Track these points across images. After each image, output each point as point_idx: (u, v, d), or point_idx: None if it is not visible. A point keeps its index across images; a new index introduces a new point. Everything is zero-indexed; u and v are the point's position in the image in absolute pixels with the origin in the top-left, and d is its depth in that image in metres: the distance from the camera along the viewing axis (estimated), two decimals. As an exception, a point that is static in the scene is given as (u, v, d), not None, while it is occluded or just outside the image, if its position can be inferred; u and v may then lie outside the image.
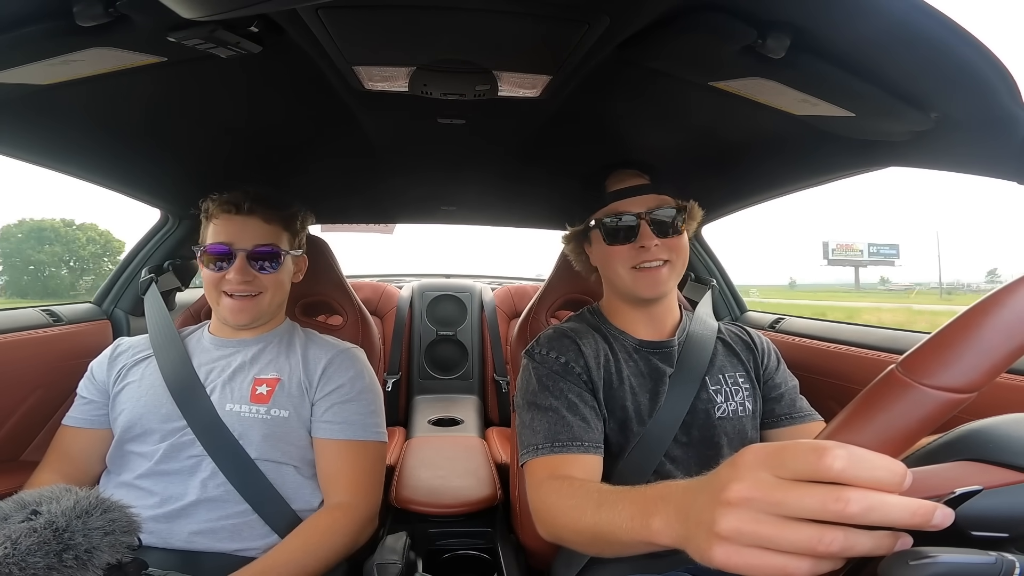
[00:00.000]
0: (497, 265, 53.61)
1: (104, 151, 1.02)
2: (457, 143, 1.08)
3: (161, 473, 0.84)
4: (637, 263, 0.83)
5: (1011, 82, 0.56)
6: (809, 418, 0.87)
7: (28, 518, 0.54)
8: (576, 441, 0.75)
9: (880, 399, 0.33)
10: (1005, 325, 0.30)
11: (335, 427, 0.91)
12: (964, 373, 0.31)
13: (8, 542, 0.50)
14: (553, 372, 0.82)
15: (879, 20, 0.53)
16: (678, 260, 0.85)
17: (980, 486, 0.32)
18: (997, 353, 0.30)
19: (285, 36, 0.64)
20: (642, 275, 0.83)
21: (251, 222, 0.92)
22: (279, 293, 0.97)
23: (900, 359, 0.33)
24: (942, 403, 0.31)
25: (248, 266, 0.91)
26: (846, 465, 0.30)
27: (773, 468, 0.33)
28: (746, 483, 0.33)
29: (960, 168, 0.77)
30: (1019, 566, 0.29)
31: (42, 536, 0.52)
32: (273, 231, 0.94)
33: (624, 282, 0.85)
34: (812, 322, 1.39)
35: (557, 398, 0.79)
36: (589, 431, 0.77)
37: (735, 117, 0.88)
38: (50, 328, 1.17)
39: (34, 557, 0.50)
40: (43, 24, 0.57)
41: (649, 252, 0.82)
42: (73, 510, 0.55)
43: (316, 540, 0.82)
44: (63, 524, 0.53)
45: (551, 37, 0.64)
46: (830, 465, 0.30)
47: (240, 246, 0.91)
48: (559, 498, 0.67)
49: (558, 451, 0.75)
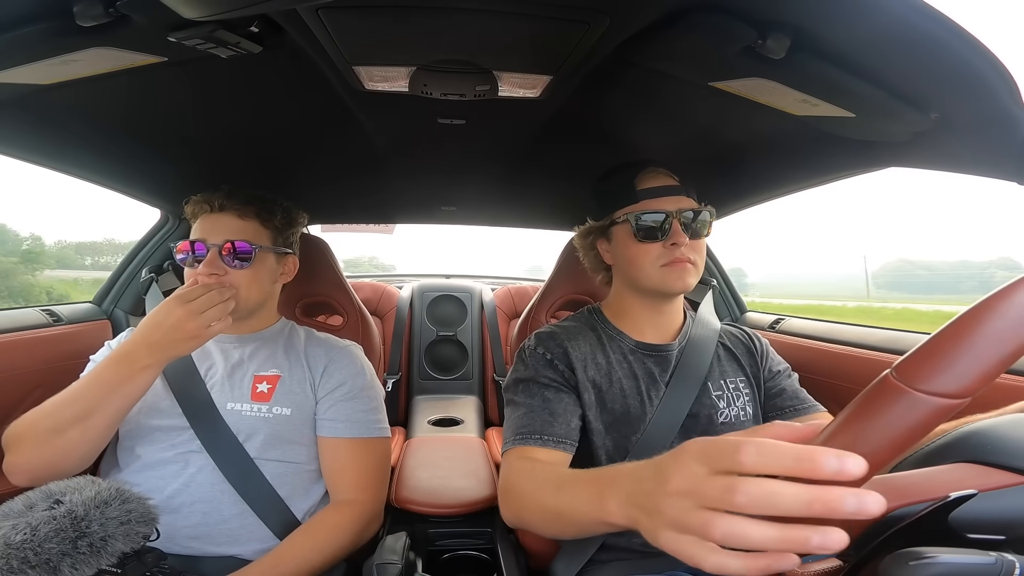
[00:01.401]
0: (497, 265, 53.69)
1: (104, 151, 1.02)
2: (457, 143, 1.08)
3: (156, 469, 0.84)
4: (667, 260, 0.83)
5: (1011, 82, 0.56)
6: (813, 408, 0.87)
7: (51, 507, 0.57)
8: (536, 435, 0.77)
9: (874, 404, 0.33)
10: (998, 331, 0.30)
11: (339, 425, 0.91)
12: (957, 379, 0.31)
13: (28, 528, 0.54)
14: (532, 369, 0.84)
15: (879, 20, 0.53)
16: (700, 262, 0.86)
17: (974, 490, 0.32)
18: (990, 359, 0.30)
19: (285, 36, 0.64)
20: (671, 270, 0.83)
21: (224, 218, 0.92)
22: (255, 290, 0.93)
23: (894, 364, 0.33)
24: (935, 409, 0.31)
25: (220, 261, 0.89)
26: (754, 460, 0.32)
27: (705, 462, 0.35)
28: (681, 475, 0.36)
29: (960, 168, 0.77)
30: (1019, 566, 0.29)
31: (60, 524, 0.55)
32: (248, 227, 0.93)
33: (651, 279, 0.85)
34: (812, 322, 1.39)
35: (530, 395, 0.82)
36: (553, 426, 0.78)
37: (735, 117, 0.88)
38: (50, 328, 1.17)
39: (50, 543, 0.53)
40: (43, 24, 0.57)
41: (679, 250, 0.82)
42: (93, 500, 0.58)
43: (323, 536, 0.82)
44: (81, 513, 0.56)
45: (551, 37, 0.64)
46: (742, 461, 0.32)
47: (212, 241, 0.90)
48: (521, 478, 0.71)
49: (519, 443, 0.78)
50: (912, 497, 0.32)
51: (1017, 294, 0.31)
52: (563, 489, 0.59)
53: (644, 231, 0.84)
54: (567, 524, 0.60)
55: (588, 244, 0.97)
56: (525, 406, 0.81)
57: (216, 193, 0.93)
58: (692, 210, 0.84)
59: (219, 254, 0.90)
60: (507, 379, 0.89)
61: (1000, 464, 0.33)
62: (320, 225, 1.92)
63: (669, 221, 0.83)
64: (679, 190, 0.86)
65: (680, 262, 0.83)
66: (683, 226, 0.83)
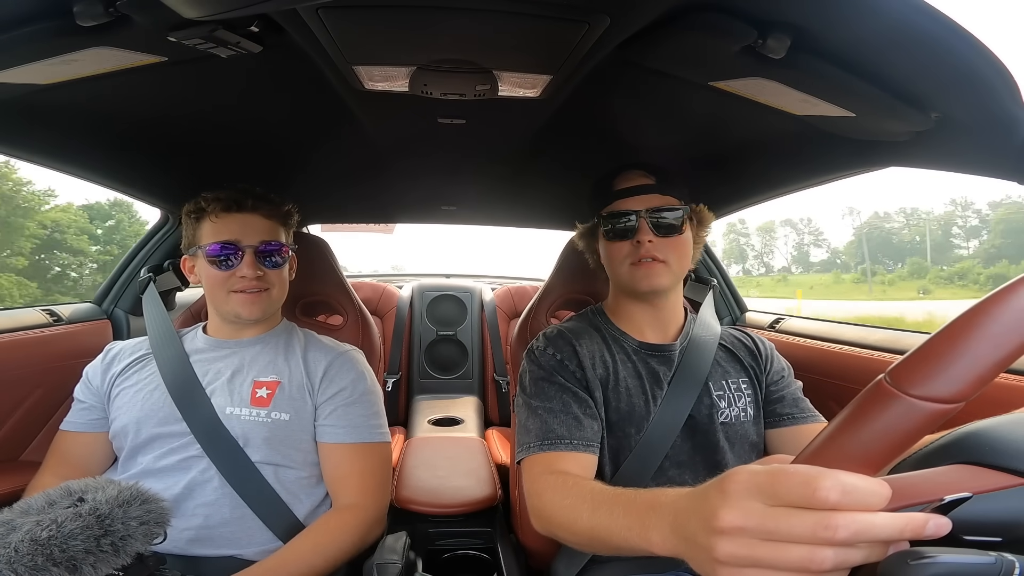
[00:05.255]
0: (497, 265, 53.77)
1: (104, 151, 1.02)
2: (457, 143, 1.08)
3: (158, 476, 0.84)
4: (635, 259, 0.84)
5: (1011, 82, 0.56)
6: (812, 418, 0.87)
7: (74, 504, 0.57)
8: (565, 439, 0.77)
9: (868, 409, 0.33)
10: (992, 335, 0.30)
11: (340, 431, 0.91)
12: (951, 383, 0.31)
13: (54, 525, 0.53)
14: (548, 371, 0.84)
15: (879, 20, 0.53)
16: (676, 260, 0.86)
17: (969, 492, 0.32)
18: (983, 363, 0.30)
19: (285, 36, 0.64)
20: (637, 268, 0.85)
21: (254, 219, 0.92)
22: (283, 289, 0.98)
23: (888, 368, 0.33)
24: (928, 414, 0.31)
25: (256, 262, 0.91)
26: (839, 498, 0.31)
27: (763, 498, 0.34)
28: (737, 512, 0.35)
29: (960, 168, 0.77)
30: (1019, 566, 0.29)
31: (86, 521, 0.55)
32: (274, 227, 0.95)
33: (622, 277, 0.87)
34: (812, 322, 1.39)
35: (549, 399, 0.81)
36: (580, 430, 0.78)
37: (735, 117, 0.88)
38: (50, 328, 1.17)
39: (75, 540, 0.53)
40: (43, 24, 0.57)
41: (644, 248, 0.83)
42: (116, 499, 0.58)
43: (326, 540, 0.83)
44: (106, 511, 0.56)
45: (551, 37, 0.64)
46: (824, 499, 0.31)
47: (247, 242, 0.90)
48: (554, 494, 0.69)
49: (547, 448, 0.77)
50: (909, 499, 0.32)
51: (1010, 298, 0.30)
52: (599, 510, 0.58)
53: (614, 231, 0.87)
54: (602, 546, 0.58)
55: (587, 245, 0.99)
56: (544, 409, 0.80)
57: (242, 192, 0.93)
58: (662, 207, 0.85)
59: (254, 255, 0.90)
60: (520, 381, 0.89)
61: (999, 466, 0.33)
62: (320, 225, 1.92)
63: (636, 220, 0.84)
64: (652, 188, 0.86)
65: (646, 261, 0.84)
66: (653, 224, 0.84)
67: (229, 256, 0.90)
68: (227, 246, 0.90)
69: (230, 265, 0.90)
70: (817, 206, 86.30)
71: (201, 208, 0.92)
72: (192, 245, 0.94)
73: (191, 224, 0.94)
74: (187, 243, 0.96)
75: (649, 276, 0.84)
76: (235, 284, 0.90)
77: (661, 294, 0.88)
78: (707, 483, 0.39)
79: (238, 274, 0.90)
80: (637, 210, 0.84)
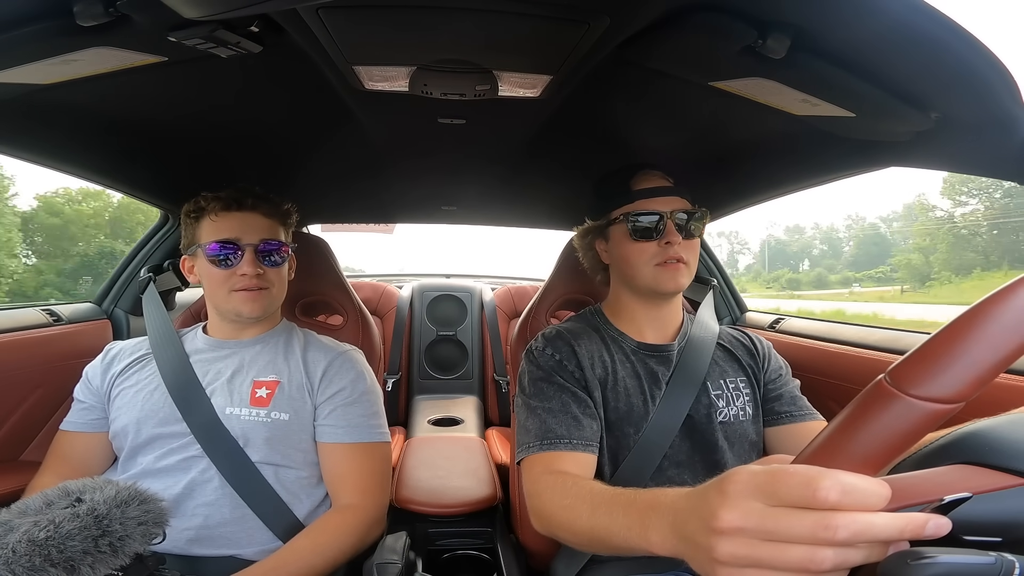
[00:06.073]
0: (497, 265, 53.82)
1: (104, 150, 1.02)
2: (457, 143, 1.08)
3: (158, 476, 0.84)
4: (661, 260, 0.84)
5: (1011, 82, 0.56)
6: (810, 416, 0.87)
7: (72, 504, 0.57)
8: (564, 439, 0.77)
9: (868, 410, 0.33)
10: (992, 335, 0.30)
11: (339, 431, 0.91)
12: (950, 384, 0.31)
13: (51, 525, 0.53)
14: (546, 371, 0.84)
15: (879, 20, 0.53)
16: (693, 262, 0.87)
17: (969, 493, 0.32)
18: (983, 364, 0.30)
19: (285, 36, 0.64)
20: (664, 269, 0.85)
21: (253, 217, 0.92)
22: (283, 288, 0.98)
23: (888, 368, 0.33)
24: (928, 414, 0.31)
25: (256, 260, 0.91)
26: (839, 498, 0.31)
27: (763, 498, 0.34)
28: (737, 512, 0.35)
29: (960, 168, 0.77)
30: (1019, 566, 0.29)
31: (84, 521, 0.54)
32: (274, 226, 0.95)
33: (645, 278, 0.86)
34: (812, 322, 1.39)
35: (549, 399, 0.81)
36: (579, 429, 0.79)
37: (735, 117, 0.88)
38: (50, 328, 1.17)
39: (73, 541, 0.53)
40: (43, 24, 0.57)
41: (673, 249, 0.84)
42: (114, 499, 0.58)
43: (325, 540, 0.82)
44: (104, 511, 0.56)
45: (551, 37, 0.64)
46: (824, 499, 0.31)
47: (247, 241, 0.90)
48: (553, 494, 0.69)
49: (547, 448, 0.77)
50: (909, 499, 0.32)
51: (1010, 298, 0.30)
52: (599, 510, 0.58)
53: (640, 230, 0.86)
54: (602, 546, 0.59)
55: (587, 244, 0.98)
56: (544, 409, 0.81)
57: (242, 191, 0.93)
58: (686, 211, 0.86)
59: (255, 253, 0.90)
60: (519, 381, 0.89)
61: (999, 466, 0.33)
62: (320, 225, 1.92)
63: (664, 221, 0.84)
64: (673, 191, 0.87)
65: (672, 262, 0.84)
66: (677, 226, 0.84)
67: (229, 255, 0.90)
68: (227, 245, 0.90)
69: (230, 264, 0.90)
70: (743, 221, 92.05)
71: (200, 207, 0.92)
72: (192, 245, 0.94)
73: (190, 224, 0.94)
74: (187, 243, 0.96)
75: (676, 277, 0.85)
76: (235, 283, 0.90)
77: (674, 294, 0.89)
78: (707, 483, 0.39)
79: (238, 272, 0.90)
80: (663, 211, 0.85)
